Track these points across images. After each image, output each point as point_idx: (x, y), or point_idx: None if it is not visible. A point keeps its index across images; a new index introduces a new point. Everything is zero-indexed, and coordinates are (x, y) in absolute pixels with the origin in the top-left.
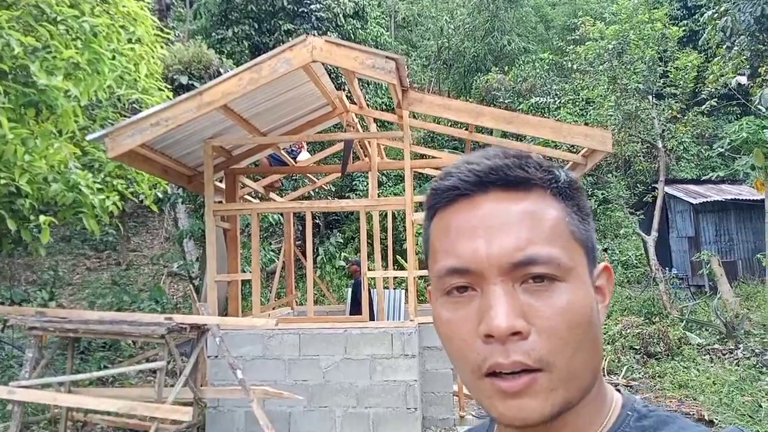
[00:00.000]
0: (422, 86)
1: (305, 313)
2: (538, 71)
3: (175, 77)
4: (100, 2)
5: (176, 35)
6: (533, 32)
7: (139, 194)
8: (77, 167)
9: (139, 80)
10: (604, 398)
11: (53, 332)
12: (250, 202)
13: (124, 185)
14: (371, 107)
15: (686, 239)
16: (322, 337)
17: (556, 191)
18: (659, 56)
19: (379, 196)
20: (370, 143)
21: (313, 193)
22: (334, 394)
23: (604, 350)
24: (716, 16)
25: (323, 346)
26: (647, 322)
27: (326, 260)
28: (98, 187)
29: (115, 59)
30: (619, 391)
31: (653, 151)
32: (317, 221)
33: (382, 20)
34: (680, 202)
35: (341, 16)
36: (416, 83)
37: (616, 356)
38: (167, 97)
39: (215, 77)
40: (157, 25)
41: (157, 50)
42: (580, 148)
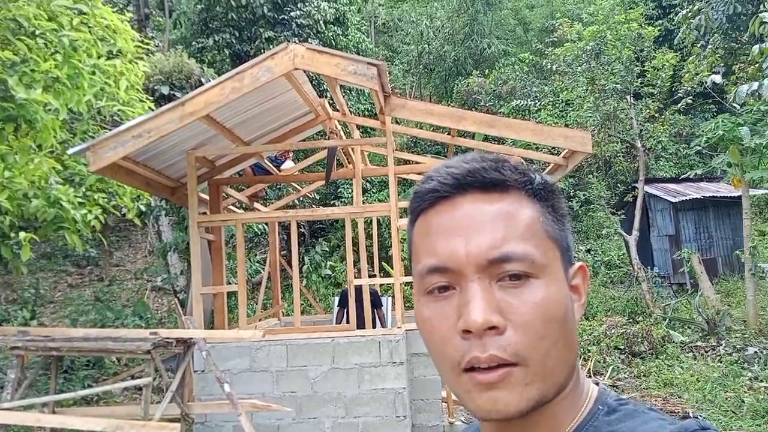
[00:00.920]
0: (404, 91)
1: (292, 323)
2: (518, 74)
3: (156, 88)
4: (78, 15)
5: (156, 45)
6: (512, 35)
7: (121, 208)
8: (58, 182)
9: (119, 93)
10: (579, 393)
11: (36, 351)
12: (234, 212)
13: (105, 199)
14: (354, 114)
15: (667, 237)
16: (309, 347)
17: (531, 193)
18: (636, 56)
19: (363, 202)
20: (353, 150)
21: (297, 201)
22: (322, 404)
23: (589, 351)
24: (690, 15)
25: (311, 356)
26: (631, 321)
27: (312, 269)
28: (79, 201)
29: (95, 74)
30: (597, 384)
31: (632, 150)
32: (302, 230)
33: (362, 26)
34: (660, 200)
35: (322, 22)
36: (398, 88)
37: (601, 357)
38: (149, 108)
39: (197, 87)
40: (137, 37)
41: (138, 65)
42: (561, 149)
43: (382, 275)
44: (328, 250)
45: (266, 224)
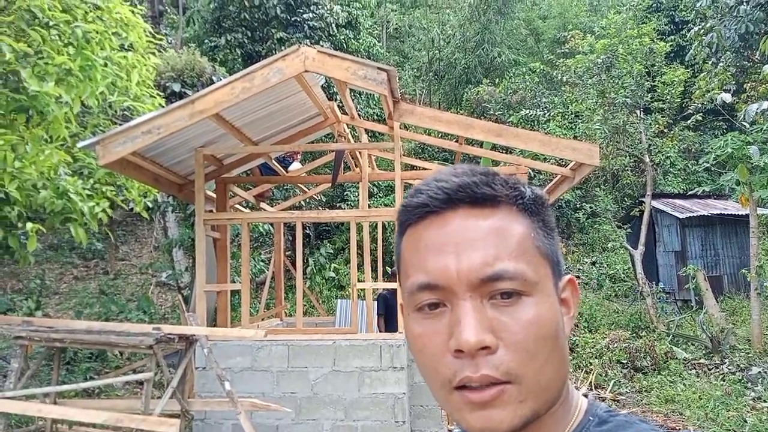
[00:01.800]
0: (413, 97)
1: (294, 324)
2: (528, 84)
3: (167, 84)
4: (93, 8)
5: (169, 42)
6: (523, 45)
7: (128, 201)
8: (67, 173)
9: (131, 88)
10: (569, 406)
11: (39, 342)
12: (240, 211)
13: (113, 192)
14: (363, 118)
15: (673, 253)
16: (311, 348)
17: (522, 207)
18: (647, 71)
19: (369, 206)
20: (361, 154)
21: (303, 203)
22: (322, 406)
23: (591, 364)
24: (702, 32)
25: (312, 358)
26: (634, 336)
27: (316, 271)
28: (87, 193)
29: (107, 66)
30: (586, 396)
31: (640, 165)
32: (307, 231)
33: (374, 30)
34: (667, 216)
35: (334, 25)
36: (408, 94)
37: (603, 370)
38: (159, 104)
39: (208, 85)
40: (149, 29)
41: (149, 59)
42: (568, 161)
43: (385, 279)
44: (332, 252)
45: (272, 224)
